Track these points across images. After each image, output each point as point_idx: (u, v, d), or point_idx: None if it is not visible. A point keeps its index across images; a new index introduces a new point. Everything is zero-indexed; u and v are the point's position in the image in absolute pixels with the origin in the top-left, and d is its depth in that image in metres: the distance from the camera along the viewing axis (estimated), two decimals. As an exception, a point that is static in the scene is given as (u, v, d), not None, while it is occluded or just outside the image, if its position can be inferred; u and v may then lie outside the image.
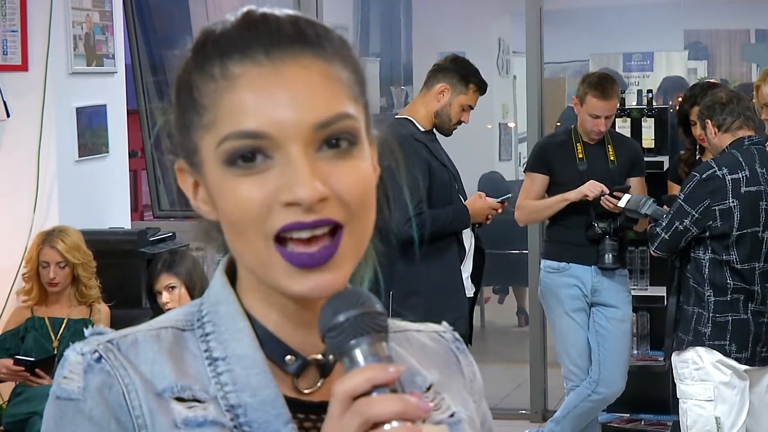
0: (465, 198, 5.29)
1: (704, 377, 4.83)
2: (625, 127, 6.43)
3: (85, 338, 1.22)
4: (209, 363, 1.20)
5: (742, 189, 4.79)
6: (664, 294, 6.10)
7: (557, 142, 5.96)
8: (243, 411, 1.18)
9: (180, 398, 1.18)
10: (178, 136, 1.22)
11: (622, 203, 5.60)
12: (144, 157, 8.02)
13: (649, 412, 6.57)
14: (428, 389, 1.29)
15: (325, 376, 1.24)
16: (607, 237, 5.77)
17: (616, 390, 5.91)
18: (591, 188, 5.71)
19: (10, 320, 5.61)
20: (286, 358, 1.22)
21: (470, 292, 5.29)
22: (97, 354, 1.18)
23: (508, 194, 5.51)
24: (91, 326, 1.25)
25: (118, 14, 6.66)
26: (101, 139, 6.44)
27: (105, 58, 6.47)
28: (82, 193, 6.24)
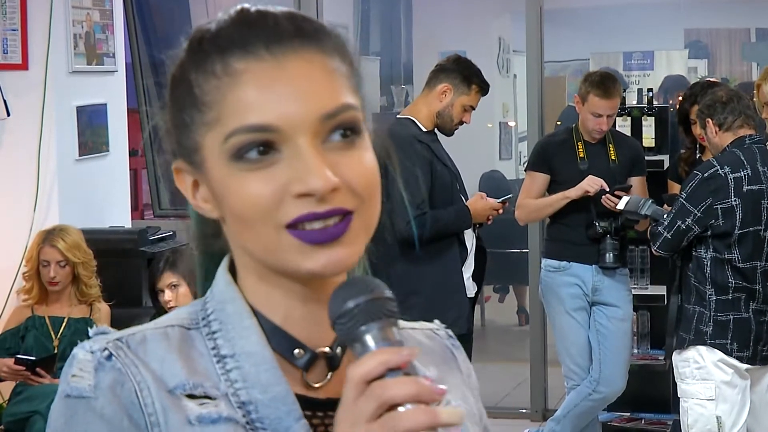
0: (466, 198, 5.29)
1: (705, 376, 4.83)
2: (625, 126, 6.43)
3: (89, 337, 1.21)
4: (218, 360, 1.20)
5: (744, 187, 4.79)
6: (665, 293, 6.10)
7: (558, 141, 5.96)
8: (254, 407, 1.18)
9: (192, 395, 1.18)
10: (176, 135, 1.22)
11: (621, 205, 5.60)
12: (144, 156, 8.02)
13: (649, 411, 6.57)
14: None
15: (334, 369, 1.24)
16: (608, 236, 5.77)
17: (616, 389, 5.91)
18: (591, 183, 5.71)
19: (10, 319, 5.60)
20: (295, 351, 1.22)
21: (472, 292, 5.29)
22: (107, 352, 1.18)
23: (509, 194, 5.51)
24: (93, 326, 1.25)
25: (119, 13, 6.66)
26: (101, 138, 6.44)
27: (105, 56, 6.46)
28: (83, 192, 6.24)
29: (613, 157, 5.88)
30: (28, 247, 5.64)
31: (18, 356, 5.29)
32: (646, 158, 6.12)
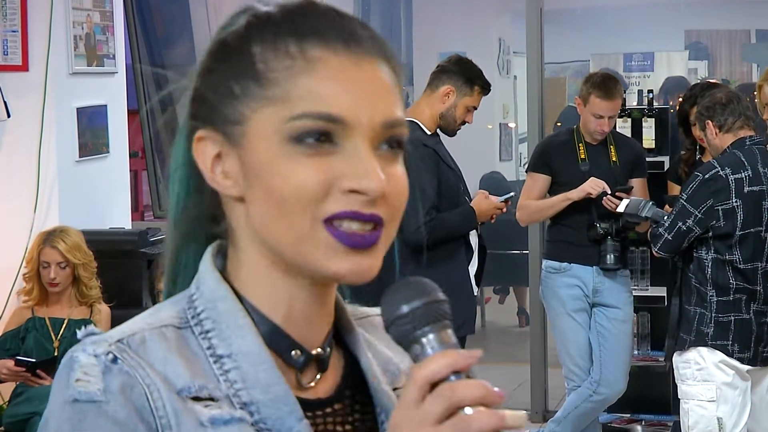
0: (470, 198, 5.30)
1: (706, 377, 4.83)
2: (625, 127, 6.43)
3: (79, 340, 1.19)
4: (214, 361, 1.19)
5: (745, 189, 4.79)
6: (665, 294, 6.10)
7: (559, 142, 5.95)
8: (256, 408, 1.18)
9: (197, 398, 1.16)
10: (215, 102, 1.20)
11: (621, 208, 5.59)
12: (144, 157, 8.01)
13: (649, 412, 6.56)
14: (400, 374, 1.30)
15: (323, 370, 1.24)
16: (609, 237, 5.77)
17: (617, 390, 5.91)
18: (593, 185, 5.70)
19: (10, 320, 5.60)
20: (293, 353, 1.22)
21: (476, 290, 5.31)
22: (111, 355, 1.16)
23: (511, 193, 5.51)
24: (93, 326, 1.23)
25: (119, 14, 6.66)
26: (101, 139, 6.44)
27: (105, 58, 6.46)
28: (83, 194, 6.24)
29: (614, 159, 5.88)
30: (29, 248, 5.64)
31: (18, 358, 5.29)
32: (646, 159, 6.12)
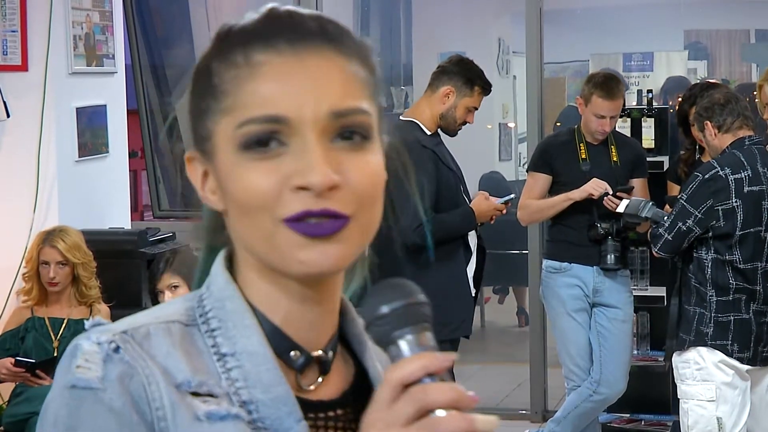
0: (469, 200, 5.29)
1: (706, 377, 4.83)
2: (625, 127, 6.43)
3: (86, 330, 1.20)
4: (218, 359, 1.20)
5: (745, 189, 4.79)
6: (664, 294, 6.10)
7: (560, 141, 5.95)
8: (255, 407, 1.18)
9: (196, 393, 1.17)
10: (192, 123, 1.24)
11: (621, 208, 5.59)
12: (144, 157, 8.02)
13: (649, 412, 6.57)
14: None
15: (325, 373, 1.24)
16: (610, 237, 5.77)
17: (617, 390, 5.91)
18: (595, 186, 5.71)
19: (10, 320, 5.60)
20: (291, 353, 1.22)
21: (474, 291, 5.30)
22: (114, 344, 1.17)
23: (511, 195, 5.51)
24: (100, 318, 1.24)
25: (118, 14, 6.66)
26: (101, 139, 6.44)
27: (105, 58, 6.46)
28: (82, 193, 6.24)
29: (615, 159, 5.88)
30: (28, 247, 5.65)
31: (18, 359, 5.29)
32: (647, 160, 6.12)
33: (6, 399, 5.53)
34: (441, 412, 1.07)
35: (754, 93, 5.26)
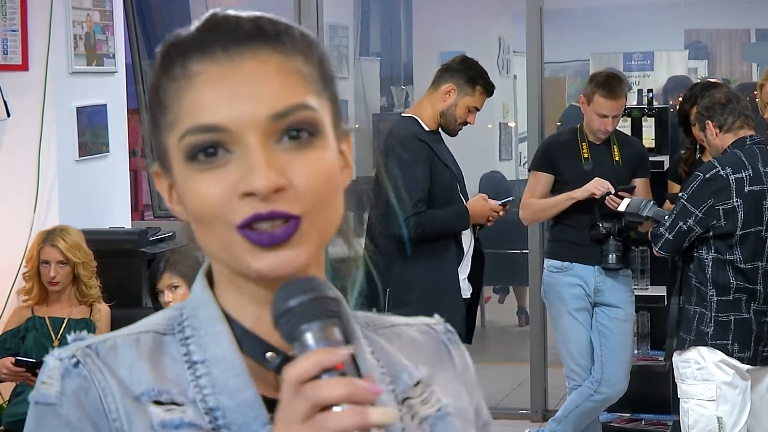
0: (467, 199, 5.29)
1: (706, 377, 4.83)
2: (625, 126, 6.43)
3: (67, 344, 1.23)
4: (188, 366, 1.21)
5: (746, 188, 4.79)
6: (665, 294, 6.11)
7: (563, 141, 5.95)
8: (221, 413, 1.19)
9: (158, 401, 1.19)
10: (151, 139, 1.25)
11: (622, 207, 5.59)
12: (144, 156, 8.02)
13: (649, 411, 6.57)
14: (416, 384, 1.29)
15: None
16: (611, 237, 5.77)
17: (618, 390, 5.91)
18: (597, 186, 5.71)
19: (10, 320, 5.60)
20: (267, 355, 1.22)
21: (467, 292, 5.29)
22: (75, 359, 1.20)
23: (511, 197, 5.51)
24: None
25: (119, 14, 6.66)
26: (101, 138, 6.44)
27: (105, 57, 6.46)
28: (83, 193, 6.24)
29: (617, 158, 5.88)
30: (29, 247, 5.64)
31: (18, 358, 5.29)
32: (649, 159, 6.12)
33: (6, 399, 5.53)
34: (338, 408, 1.06)
35: (755, 92, 5.26)
